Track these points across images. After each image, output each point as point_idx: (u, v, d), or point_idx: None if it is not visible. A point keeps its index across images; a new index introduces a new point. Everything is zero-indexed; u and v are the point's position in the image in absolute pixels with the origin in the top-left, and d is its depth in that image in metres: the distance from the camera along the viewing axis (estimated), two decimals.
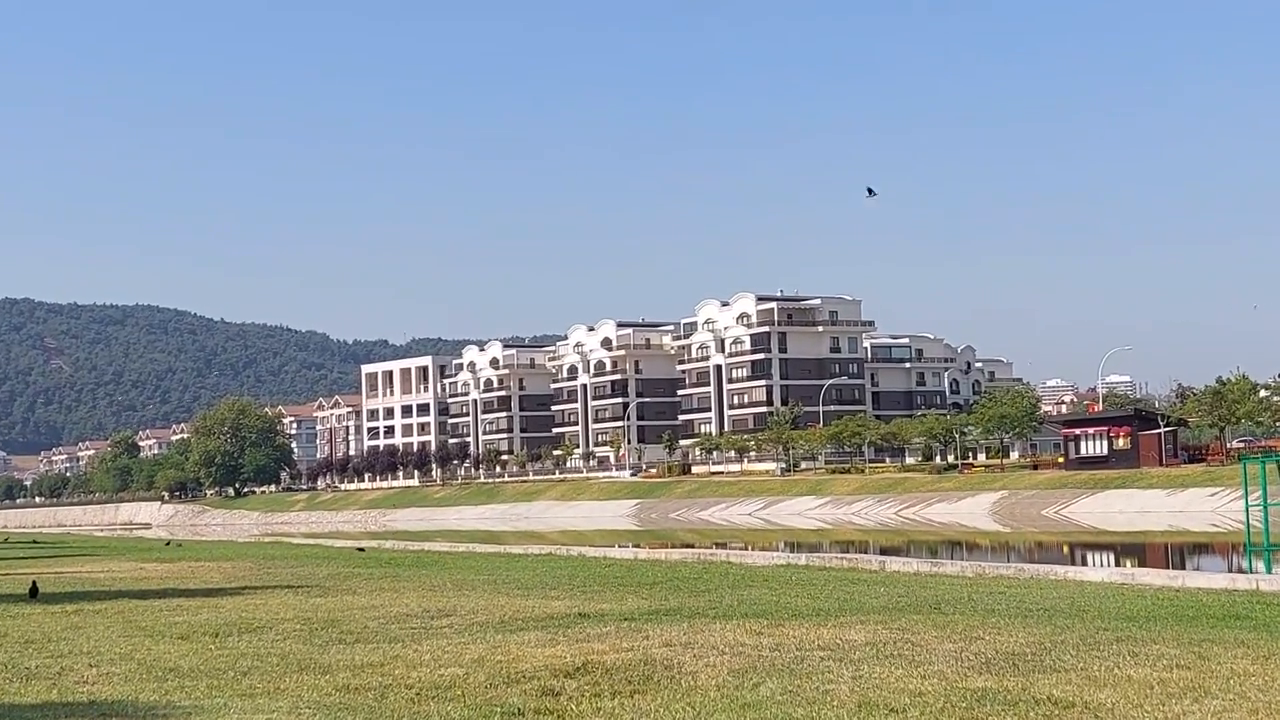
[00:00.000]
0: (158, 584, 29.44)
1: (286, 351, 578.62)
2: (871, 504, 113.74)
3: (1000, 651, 13.44)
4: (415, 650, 14.70)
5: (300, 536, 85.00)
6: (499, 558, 40.74)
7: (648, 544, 68.09)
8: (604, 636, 15.51)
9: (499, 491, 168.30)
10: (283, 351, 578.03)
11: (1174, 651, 13.26)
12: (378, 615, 19.41)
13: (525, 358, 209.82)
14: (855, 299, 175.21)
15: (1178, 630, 15.56)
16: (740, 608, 19.49)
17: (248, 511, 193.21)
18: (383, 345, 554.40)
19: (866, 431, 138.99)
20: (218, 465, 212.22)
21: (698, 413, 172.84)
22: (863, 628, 15.89)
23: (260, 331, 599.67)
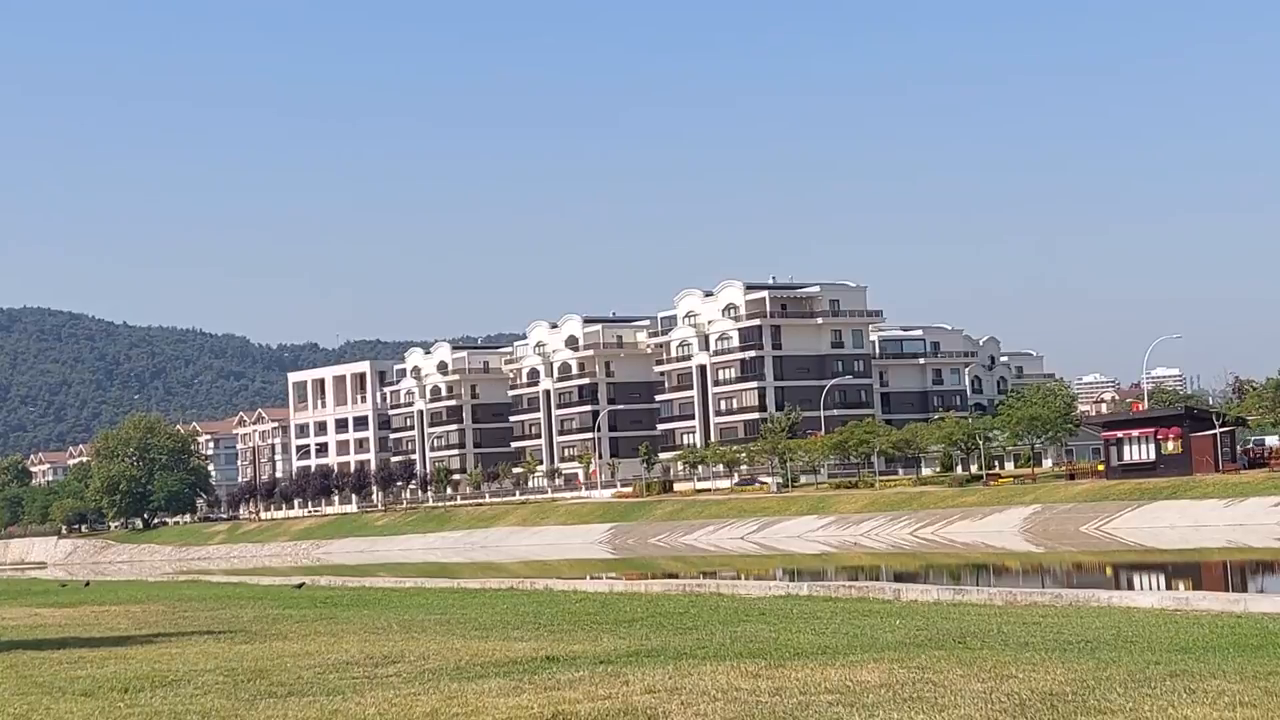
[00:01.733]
0: (56, 632, 29.31)
1: (200, 359, 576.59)
2: (883, 523, 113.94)
3: (1036, 691, 13.47)
4: (358, 704, 14.66)
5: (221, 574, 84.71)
6: (452, 593, 40.70)
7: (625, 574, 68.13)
8: (577, 683, 15.50)
9: (450, 517, 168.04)
10: (196, 359, 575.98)
11: (1236, 687, 13.31)
12: (313, 663, 19.35)
13: (478, 361, 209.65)
14: (860, 286, 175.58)
15: (1240, 662, 15.63)
16: (734, 646, 19.51)
17: (159, 546, 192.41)
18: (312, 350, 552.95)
19: (875, 439, 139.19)
20: (123, 493, 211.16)
21: (679, 421, 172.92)
22: (876, 667, 15.91)
23: (169, 336, 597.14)
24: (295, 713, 14.19)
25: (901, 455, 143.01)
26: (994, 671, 15.07)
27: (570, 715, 13.11)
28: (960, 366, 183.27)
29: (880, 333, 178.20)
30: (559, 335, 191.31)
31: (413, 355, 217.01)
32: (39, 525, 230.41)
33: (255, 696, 15.73)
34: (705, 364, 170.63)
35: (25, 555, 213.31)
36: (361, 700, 14.90)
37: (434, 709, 13.96)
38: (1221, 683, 13.64)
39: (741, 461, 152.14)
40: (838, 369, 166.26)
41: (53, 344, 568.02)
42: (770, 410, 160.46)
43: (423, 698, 14.87)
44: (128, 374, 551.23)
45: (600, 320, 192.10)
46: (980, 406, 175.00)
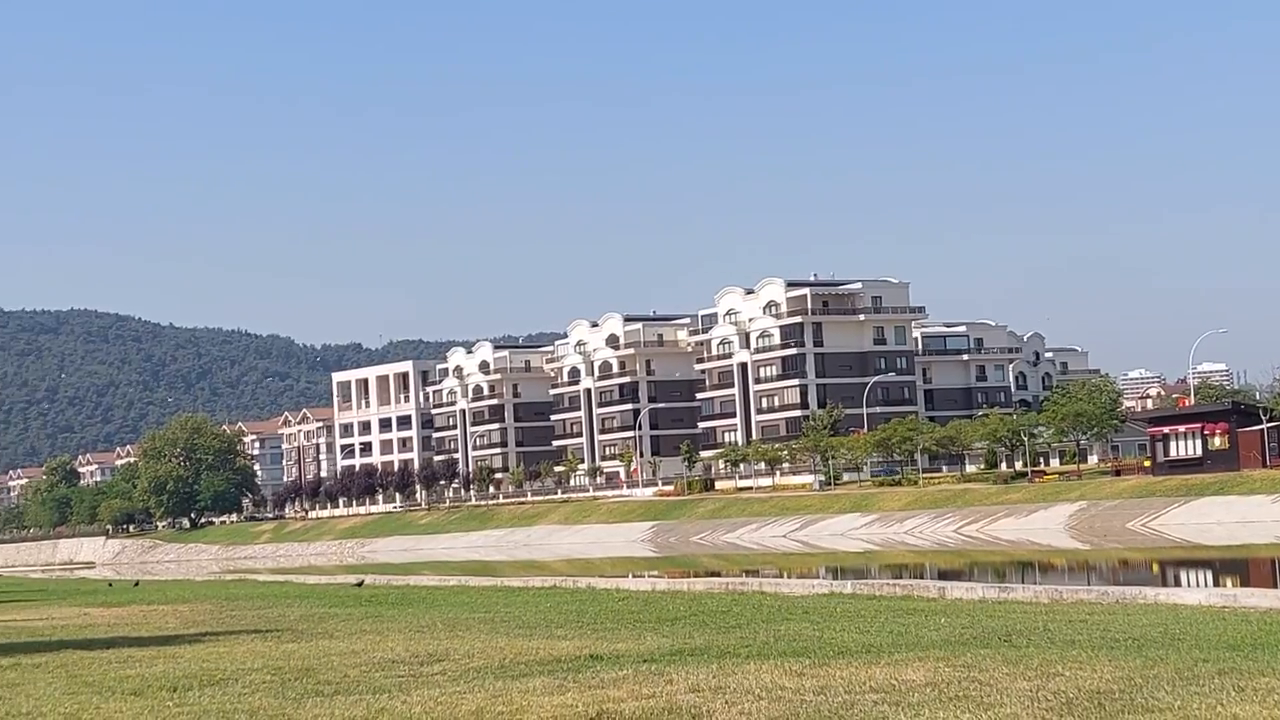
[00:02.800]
0: (105, 632, 29.51)
1: (246, 360, 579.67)
2: (926, 521, 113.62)
3: (1083, 690, 13.40)
4: (404, 702, 14.70)
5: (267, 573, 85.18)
6: (496, 592, 40.79)
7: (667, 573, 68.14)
8: (620, 681, 15.50)
9: (493, 515, 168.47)
10: (241, 360, 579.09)
11: None
12: (359, 662, 19.42)
13: (519, 360, 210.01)
14: (902, 282, 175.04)
15: None
16: (777, 645, 19.47)
17: (206, 545, 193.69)
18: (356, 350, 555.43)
19: (919, 436, 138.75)
20: (170, 493, 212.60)
21: (720, 419, 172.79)
22: (921, 665, 15.85)
23: (215, 337, 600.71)
24: (342, 711, 14.25)
25: (945, 452, 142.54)
26: (1040, 670, 15.00)
27: (614, 714, 13.11)
28: (1004, 363, 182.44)
29: (923, 329, 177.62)
30: (600, 334, 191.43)
31: (455, 355, 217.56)
32: (87, 525, 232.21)
33: (302, 695, 15.80)
34: (746, 361, 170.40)
35: (74, 555, 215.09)
36: (407, 699, 14.95)
37: (479, 707, 13.99)
38: (1271, 680, 13.54)
39: (783, 459, 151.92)
40: (880, 366, 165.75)
41: (100, 345, 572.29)
42: (812, 408, 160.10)
43: (468, 696, 14.91)
44: (174, 375, 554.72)
45: (641, 318, 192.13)
46: (1025, 403, 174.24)
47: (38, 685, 18.09)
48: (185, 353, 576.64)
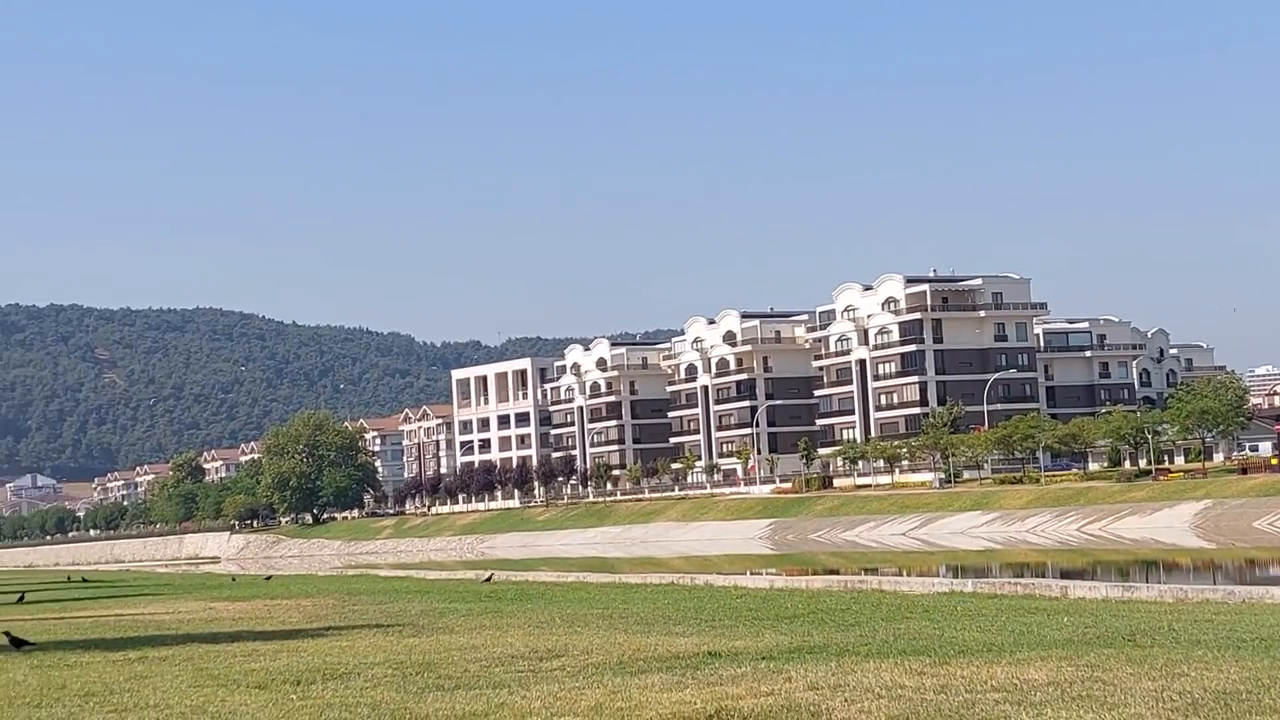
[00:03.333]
0: (230, 626, 30.02)
1: (367, 357, 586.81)
2: (1048, 519, 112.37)
3: (1209, 690, 13.21)
4: (523, 697, 14.80)
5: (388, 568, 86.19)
6: (614, 588, 40.90)
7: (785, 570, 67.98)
8: (739, 679, 15.50)
9: (610, 512, 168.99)
10: (363, 357, 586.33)
11: None
12: (479, 657, 19.58)
13: (636, 357, 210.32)
14: (1023, 278, 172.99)
15: None
16: (897, 643, 19.36)
17: (328, 540, 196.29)
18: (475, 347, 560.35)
19: (1040, 434, 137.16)
20: (293, 489, 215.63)
21: (838, 416, 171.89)
22: (1043, 665, 15.70)
23: (337, 335, 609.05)
24: (462, 706, 14.37)
25: (1067, 450, 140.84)
26: (1165, 670, 14.80)
27: (733, 711, 13.11)
28: (1128, 359, 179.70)
29: (1044, 325, 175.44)
30: (717, 331, 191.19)
31: (573, 352, 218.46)
32: (212, 521, 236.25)
33: (423, 689, 15.96)
34: (865, 358, 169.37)
35: (199, 550, 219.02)
36: (526, 694, 15.04)
37: (598, 703, 14.05)
38: None
39: (902, 457, 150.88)
40: (1001, 363, 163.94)
41: (224, 344, 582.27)
42: (931, 405, 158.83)
43: (586, 692, 14.97)
44: (297, 372, 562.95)
45: (758, 315, 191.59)
46: (1149, 400, 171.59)
47: (164, 678, 18.43)
48: (308, 350, 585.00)
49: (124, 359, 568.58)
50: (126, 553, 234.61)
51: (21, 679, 18.87)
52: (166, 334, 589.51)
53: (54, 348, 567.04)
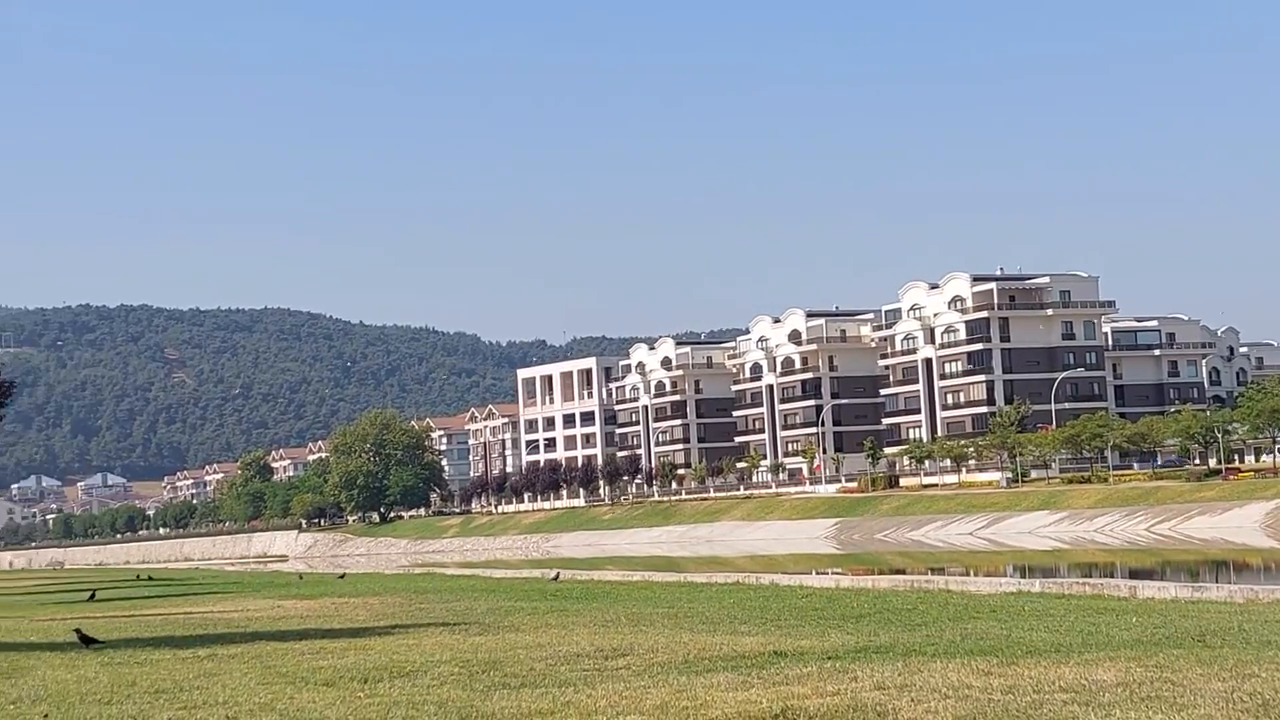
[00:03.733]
0: (298, 624, 30.26)
1: (433, 357, 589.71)
2: (1117, 518, 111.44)
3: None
4: (589, 695, 14.84)
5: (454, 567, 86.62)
6: (679, 587, 40.92)
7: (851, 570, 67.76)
8: (805, 678, 15.47)
9: (675, 511, 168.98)
10: (429, 357, 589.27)
11: None
12: (545, 655, 19.64)
13: (701, 356, 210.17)
14: (1091, 276, 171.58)
15: None
16: (964, 644, 19.26)
17: (395, 539, 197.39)
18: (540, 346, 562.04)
19: (1109, 433, 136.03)
20: (360, 488, 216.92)
21: (904, 415, 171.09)
22: (1112, 665, 15.58)
23: (404, 335, 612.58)
24: (528, 704, 14.42)
25: (1136, 449, 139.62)
26: (1235, 671, 14.65)
27: (799, 711, 13.09)
28: (1197, 358, 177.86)
29: (1113, 324, 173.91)
30: (782, 329, 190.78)
31: (638, 351, 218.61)
32: (280, 519, 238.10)
33: (489, 687, 16.03)
34: (931, 357, 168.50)
35: (267, 549, 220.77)
36: (592, 692, 15.08)
37: (663, 702, 14.06)
38: None
39: (969, 456, 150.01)
40: (1069, 361, 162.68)
41: (292, 343, 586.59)
42: (998, 404, 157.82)
43: (652, 691, 14.99)
44: (364, 371, 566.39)
45: (824, 314, 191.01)
46: (1218, 399, 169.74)
47: (233, 675, 18.61)
48: (375, 350, 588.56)
49: (193, 359, 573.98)
50: (195, 551, 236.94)
51: (93, 676, 19.12)
52: (235, 334, 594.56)
53: (124, 348, 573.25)
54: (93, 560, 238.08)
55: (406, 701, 15.06)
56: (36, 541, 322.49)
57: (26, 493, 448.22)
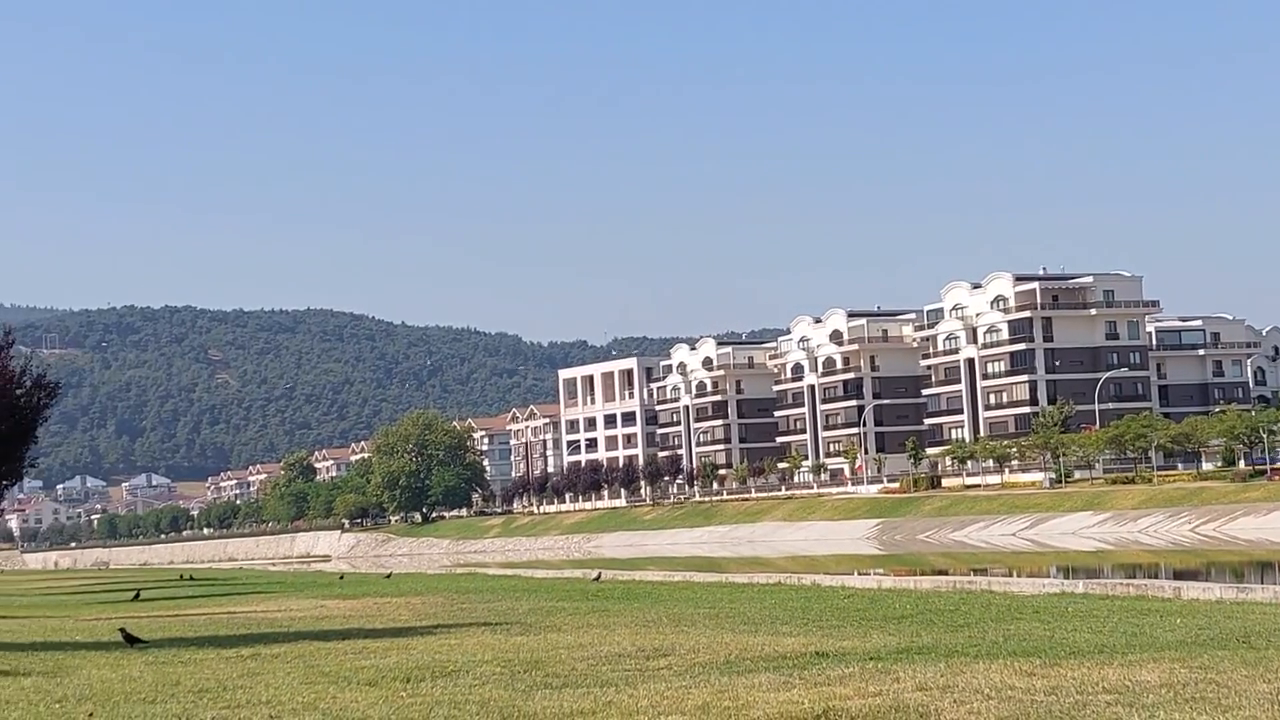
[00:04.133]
0: (341, 624, 30.40)
1: (475, 357, 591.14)
2: (1161, 519, 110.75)
3: None
4: (630, 695, 14.85)
5: (496, 567, 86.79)
6: (720, 588, 40.90)
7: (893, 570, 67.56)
8: (847, 679, 15.44)
9: (717, 512, 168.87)
10: (471, 357, 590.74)
11: None
12: (586, 655, 19.67)
13: (742, 356, 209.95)
14: (1135, 275, 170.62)
15: None
16: (1007, 644, 19.20)
17: (437, 539, 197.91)
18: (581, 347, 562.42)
19: (1153, 433, 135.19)
20: (402, 488, 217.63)
21: (946, 415, 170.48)
22: (1156, 666, 15.50)
23: (445, 335, 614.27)
24: (570, 704, 14.45)
25: (1180, 450, 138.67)
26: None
27: (841, 711, 13.07)
28: (1242, 357, 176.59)
29: (1157, 324, 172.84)
30: (823, 330, 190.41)
31: (679, 351, 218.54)
32: (323, 519, 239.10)
33: (531, 687, 16.07)
34: (973, 357, 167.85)
35: (310, 548, 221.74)
36: (634, 692, 15.09)
37: (705, 702, 14.06)
38: None
39: (1012, 456, 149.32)
40: (1112, 361, 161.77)
41: (335, 344, 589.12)
42: (1041, 404, 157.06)
43: (693, 691, 14.99)
44: (406, 372, 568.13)
45: (865, 314, 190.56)
46: (1264, 399, 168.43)
47: (276, 675, 18.70)
48: (417, 351, 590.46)
49: (236, 360, 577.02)
50: (239, 551, 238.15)
51: (137, 675, 19.25)
52: (278, 335, 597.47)
53: (168, 349, 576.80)
54: (137, 560, 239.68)
55: (449, 701, 15.10)
56: (81, 542, 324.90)
57: (72, 493, 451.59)
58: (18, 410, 55.32)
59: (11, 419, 54.35)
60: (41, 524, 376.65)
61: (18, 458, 62.44)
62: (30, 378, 57.08)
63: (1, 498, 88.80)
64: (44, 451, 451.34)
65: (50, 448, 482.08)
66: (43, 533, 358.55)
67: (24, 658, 23.17)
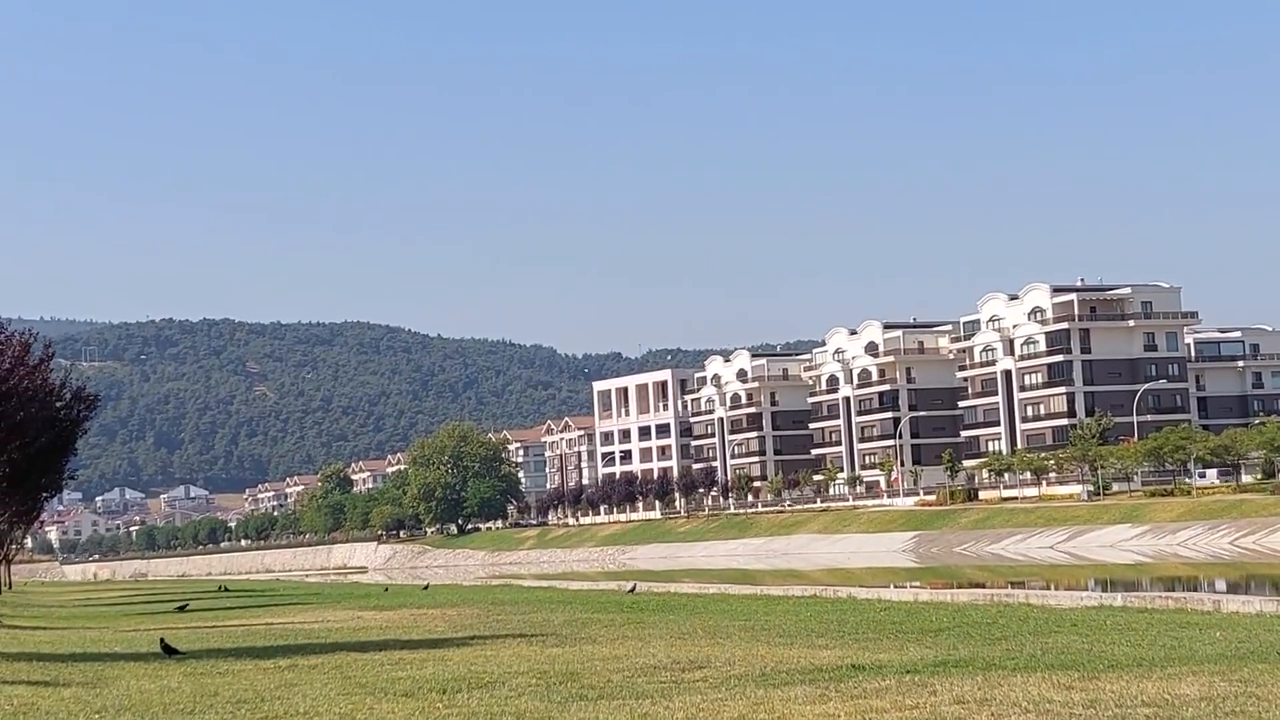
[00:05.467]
0: (378, 635, 30.47)
1: (510, 369, 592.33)
2: (1200, 532, 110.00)
3: None
4: (666, 707, 14.83)
5: (531, 578, 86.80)
6: (755, 600, 40.83)
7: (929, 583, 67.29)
8: (883, 692, 15.38)
9: (752, 524, 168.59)
10: (506, 369, 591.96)
11: None
12: (622, 667, 19.65)
13: (777, 368, 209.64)
14: (1173, 286, 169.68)
15: None
16: (1045, 658, 19.10)
17: (472, 550, 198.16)
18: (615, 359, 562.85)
19: (1192, 445, 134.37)
20: (438, 499, 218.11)
21: (983, 428, 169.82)
22: (1195, 680, 15.39)
23: (480, 348, 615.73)
24: (606, 716, 14.44)
25: (1220, 462, 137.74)
26: None
27: None
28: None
29: (1196, 335, 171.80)
30: (858, 341, 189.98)
31: (713, 363, 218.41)
32: (360, 531, 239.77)
33: (567, 699, 16.06)
34: (1010, 369, 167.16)
35: (347, 560, 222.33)
36: (670, 704, 15.07)
37: (740, 715, 14.04)
38: None
39: (1049, 469, 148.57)
40: (1151, 373, 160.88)
41: (372, 356, 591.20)
42: (1079, 416, 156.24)
43: (729, 703, 14.96)
44: (441, 384, 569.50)
45: (901, 326, 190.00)
46: None
47: (314, 685, 18.75)
48: (453, 363, 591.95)
49: (274, 372, 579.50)
50: (276, 562, 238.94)
51: (176, 686, 19.34)
52: (315, 347, 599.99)
53: (206, 361, 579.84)
54: (175, 572, 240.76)
55: (485, 712, 15.12)
56: (120, 553, 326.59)
57: (111, 505, 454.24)
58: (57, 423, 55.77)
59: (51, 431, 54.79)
60: (81, 535, 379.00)
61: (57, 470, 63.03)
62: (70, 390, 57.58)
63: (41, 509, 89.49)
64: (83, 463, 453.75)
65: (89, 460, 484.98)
66: (82, 544, 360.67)
67: (64, 668, 23.31)
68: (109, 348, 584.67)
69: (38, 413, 49.76)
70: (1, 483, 55.37)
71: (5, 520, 77.42)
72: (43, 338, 48.34)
